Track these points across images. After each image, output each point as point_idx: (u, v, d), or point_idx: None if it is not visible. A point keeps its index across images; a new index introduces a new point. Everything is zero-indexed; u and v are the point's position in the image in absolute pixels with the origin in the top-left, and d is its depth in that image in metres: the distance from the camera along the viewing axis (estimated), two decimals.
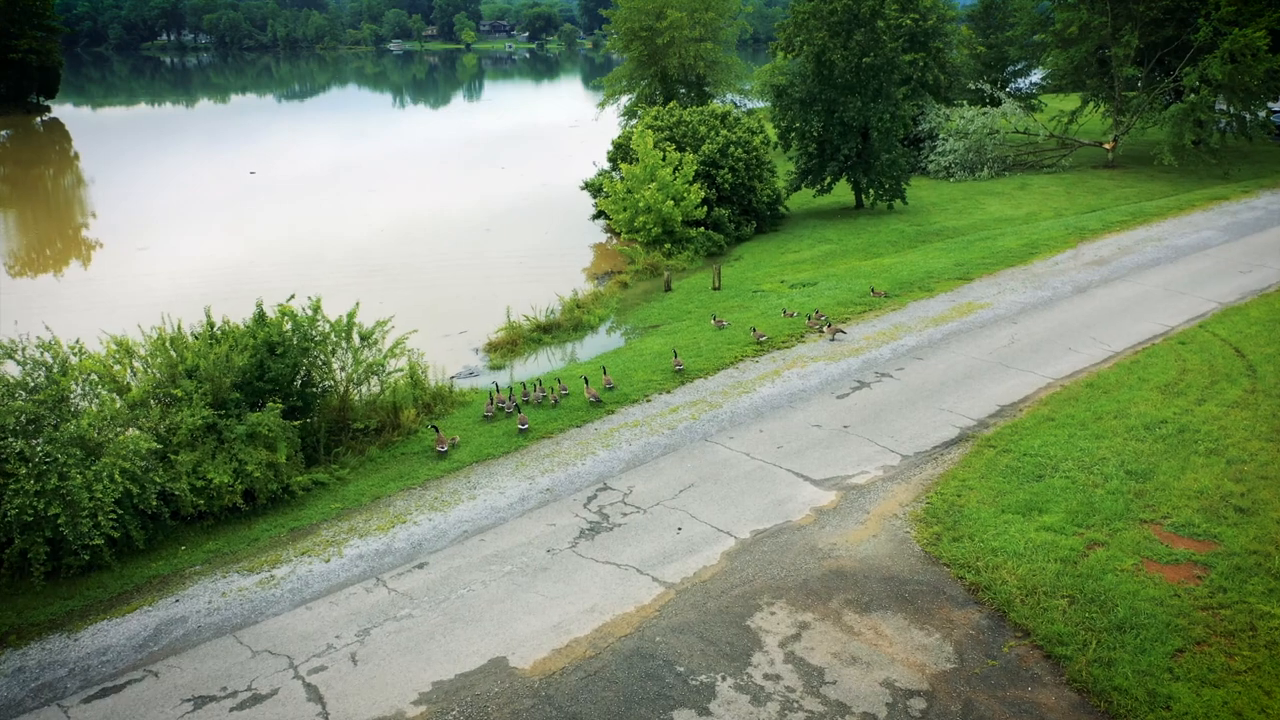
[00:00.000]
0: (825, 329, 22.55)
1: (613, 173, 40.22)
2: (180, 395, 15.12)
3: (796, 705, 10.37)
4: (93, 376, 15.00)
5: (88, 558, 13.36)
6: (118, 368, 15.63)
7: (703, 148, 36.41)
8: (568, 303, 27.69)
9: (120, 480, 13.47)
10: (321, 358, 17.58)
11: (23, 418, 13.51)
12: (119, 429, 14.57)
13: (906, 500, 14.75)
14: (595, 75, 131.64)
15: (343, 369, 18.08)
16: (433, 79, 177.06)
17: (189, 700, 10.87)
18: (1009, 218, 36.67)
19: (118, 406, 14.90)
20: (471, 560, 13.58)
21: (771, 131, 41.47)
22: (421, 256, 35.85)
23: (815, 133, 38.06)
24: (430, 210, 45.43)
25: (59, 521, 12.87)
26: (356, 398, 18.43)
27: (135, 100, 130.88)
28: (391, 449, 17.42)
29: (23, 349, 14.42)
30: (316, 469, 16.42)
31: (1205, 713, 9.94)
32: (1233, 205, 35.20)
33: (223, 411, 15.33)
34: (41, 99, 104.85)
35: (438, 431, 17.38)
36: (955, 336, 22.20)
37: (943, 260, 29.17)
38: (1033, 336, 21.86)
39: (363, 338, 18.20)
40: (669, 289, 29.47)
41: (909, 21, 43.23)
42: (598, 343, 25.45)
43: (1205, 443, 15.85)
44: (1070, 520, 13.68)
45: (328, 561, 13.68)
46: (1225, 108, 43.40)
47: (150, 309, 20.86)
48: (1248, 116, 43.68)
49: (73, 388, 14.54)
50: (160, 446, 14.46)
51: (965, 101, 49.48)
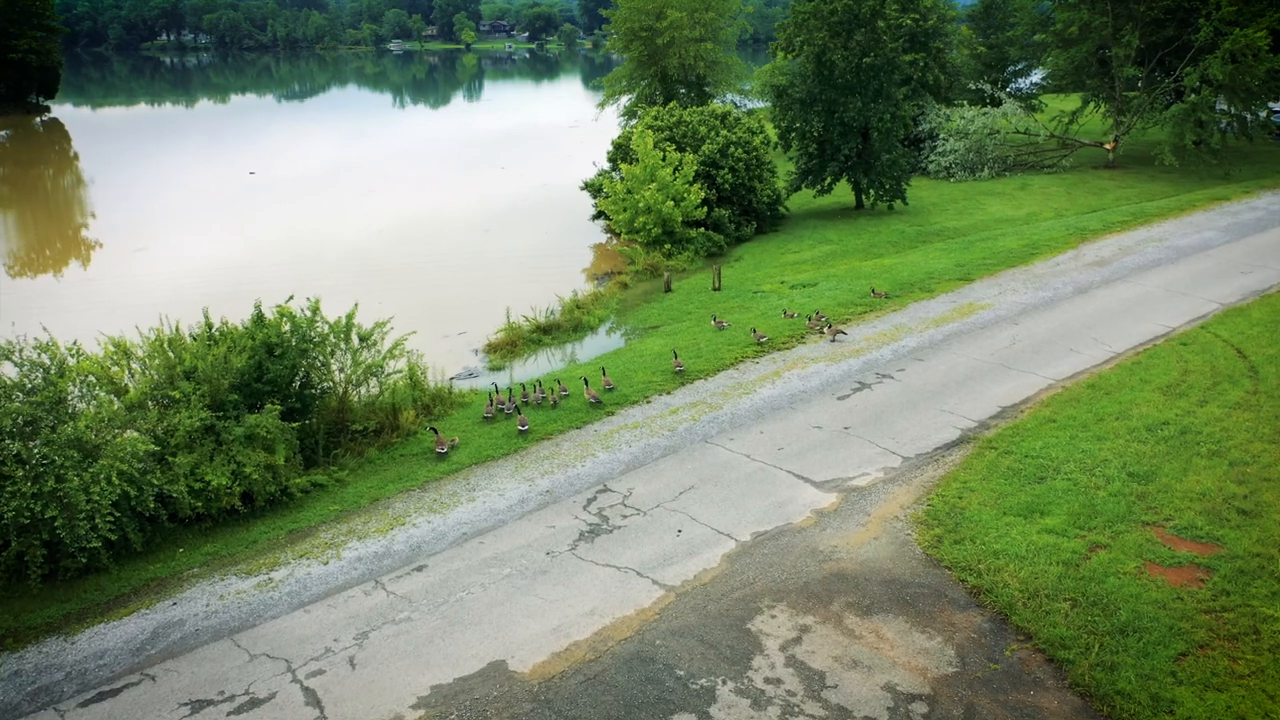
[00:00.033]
0: (826, 330, 22.49)
1: (613, 173, 40.16)
2: (178, 397, 15.07)
3: (797, 709, 10.32)
4: (90, 378, 14.94)
5: (85, 560, 13.31)
6: (115, 369, 15.59)
7: (703, 148, 36.34)
8: (567, 303, 27.63)
9: (118, 482, 13.43)
10: (320, 359, 17.53)
11: (20, 419, 13.47)
12: (116, 431, 14.53)
13: (908, 502, 14.70)
14: (595, 75, 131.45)
15: (341, 370, 18.02)
16: (432, 79, 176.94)
17: (186, 704, 10.82)
18: (1010, 218, 36.64)
19: (115, 408, 14.86)
20: (471, 563, 13.52)
21: (771, 132, 41.41)
22: (421, 257, 35.78)
23: (815, 133, 38.03)
24: (430, 211, 45.35)
25: (56, 524, 12.82)
26: (355, 399, 18.37)
27: (135, 100, 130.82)
28: (390, 451, 17.36)
29: (20, 350, 14.36)
30: (315, 471, 16.36)
31: (1208, 717, 9.89)
32: (1234, 205, 35.18)
33: (221, 413, 15.28)
34: (41, 99, 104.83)
35: (437, 433, 17.32)
36: (956, 337, 22.14)
37: (943, 261, 29.12)
38: (1034, 337, 21.80)
39: (362, 339, 18.14)
40: (669, 290, 29.40)
41: (909, 22, 43.16)
42: (597, 344, 25.39)
43: (1208, 444, 15.80)
44: (1072, 522, 13.62)
45: (326, 564, 13.63)
46: (1226, 108, 43.39)
47: (149, 309, 20.82)
48: (1248, 117, 43.70)
49: (70, 389, 14.48)
50: (158, 448, 14.42)
51: (966, 102, 49.46)
